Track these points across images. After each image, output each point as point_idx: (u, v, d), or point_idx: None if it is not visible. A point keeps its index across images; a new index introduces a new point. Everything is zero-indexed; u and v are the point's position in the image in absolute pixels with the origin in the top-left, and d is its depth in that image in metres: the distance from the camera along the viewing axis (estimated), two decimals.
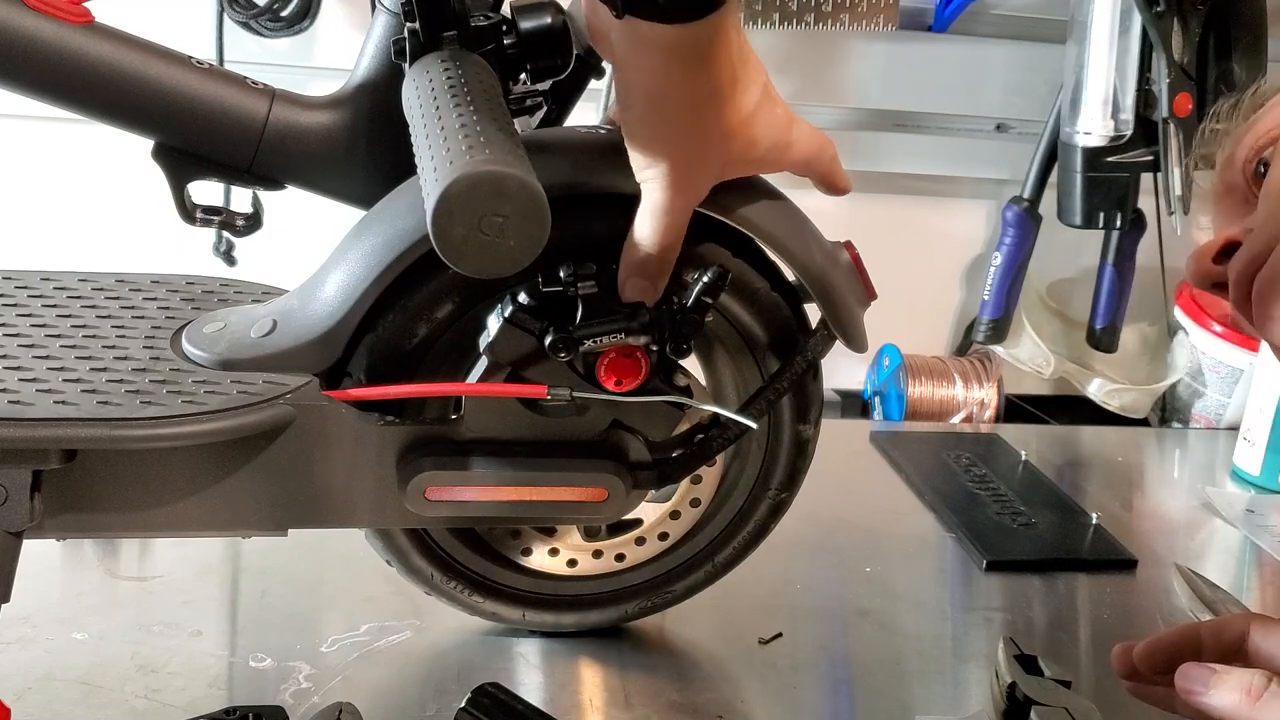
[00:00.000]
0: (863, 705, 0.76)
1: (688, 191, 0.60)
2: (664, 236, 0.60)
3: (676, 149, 0.58)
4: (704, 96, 0.57)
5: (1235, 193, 0.66)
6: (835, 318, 0.69)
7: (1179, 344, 1.41)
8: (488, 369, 0.64)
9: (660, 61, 0.55)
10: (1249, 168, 0.65)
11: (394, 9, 0.65)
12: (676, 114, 0.57)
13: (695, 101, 0.57)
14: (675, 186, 0.59)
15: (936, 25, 1.36)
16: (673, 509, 0.74)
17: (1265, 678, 0.58)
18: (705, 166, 0.60)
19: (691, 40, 0.54)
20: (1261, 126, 0.65)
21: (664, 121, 0.58)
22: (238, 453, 0.63)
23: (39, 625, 0.76)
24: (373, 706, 0.68)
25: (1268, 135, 0.65)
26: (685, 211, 0.61)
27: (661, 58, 0.55)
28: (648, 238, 0.61)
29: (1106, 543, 1.00)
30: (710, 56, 0.55)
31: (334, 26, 1.24)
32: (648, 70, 0.56)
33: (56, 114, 0.67)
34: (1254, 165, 0.65)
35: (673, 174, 0.59)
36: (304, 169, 0.68)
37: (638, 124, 0.58)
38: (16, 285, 0.71)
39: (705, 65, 0.56)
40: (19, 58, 0.63)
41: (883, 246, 0.87)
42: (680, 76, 0.56)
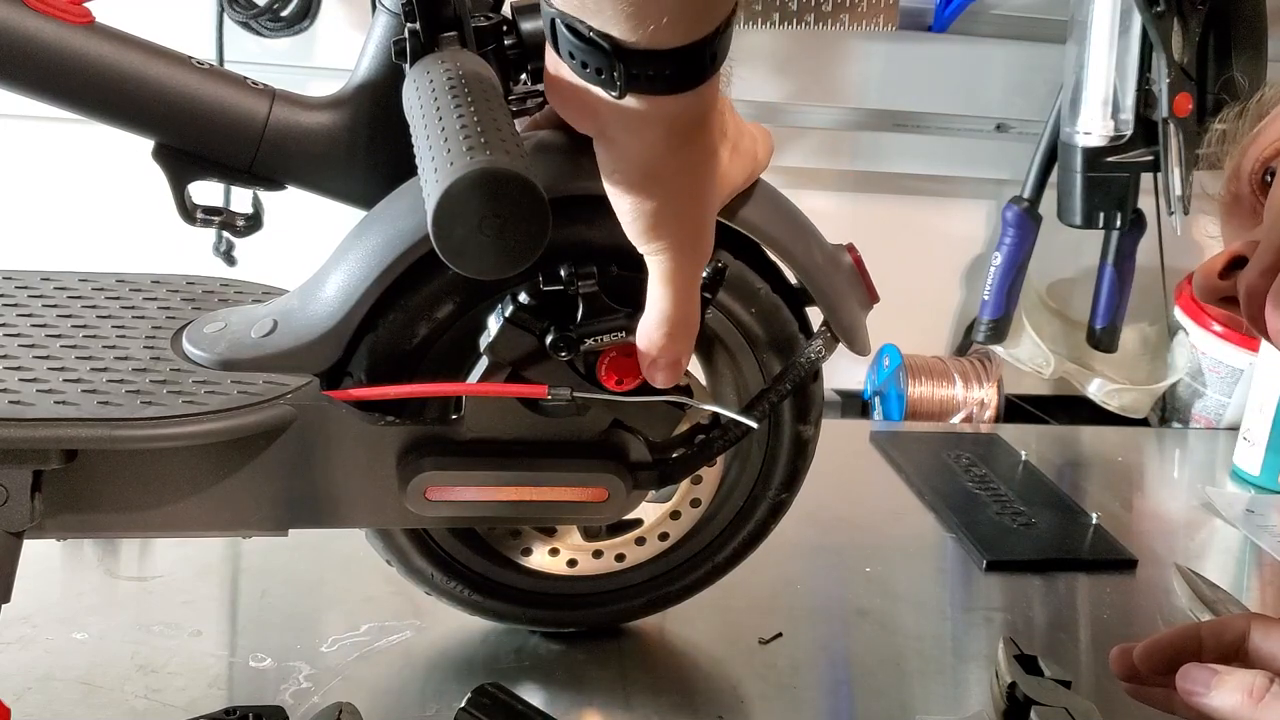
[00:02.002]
0: (863, 705, 0.76)
1: (699, 252, 0.58)
2: (685, 304, 0.59)
3: (681, 216, 0.56)
4: (702, 159, 0.55)
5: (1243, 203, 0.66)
6: (837, 320, 0.69)
7: (1179, 344, 1.41)
8: (488, 369, 0.64)
9: (660, 134, 0.53)
10: (1255, 178, 0.65)
11: (394, 9, 0.65)
12: (677, 183, 0.55)
13: (693, 166, 0.55)
14: (686, 251, 0.57)
15: (936, 25, 1.36)
16: (673, 509, 0.74)
17: (1267, 679, 0.58)
18: (709, 222, 0.58)
19: (692, 107, 0.52)
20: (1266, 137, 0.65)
21: (664, 192, 0.55)
22: (238, 453, 0.63)
23: (39, 625, 0.76)
24: (373, 706, 0.68)
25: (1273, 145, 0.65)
26: (699, 273, 0.59)
27: (661, 131, 0.53)
28: (670, 309, 0.58)
29: (1106, 543, 1.00)
30: (707, 119, 0.54)
31: (334, 26, 1.24)
32: (646, 145, 0.53)
33: (56, 114, 0.67)
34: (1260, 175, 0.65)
35: (681, 240, 0.57)
36: (304, 169, 0.68)
37: (633, 198, 0.55)
38: (16, 285, 0.71)
39: (702, 129, 0.54)
40: (19, 58, 0.63)
41: (883, 246, 0.87)
42: (679, 146, 0.54)
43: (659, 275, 0.58)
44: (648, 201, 0.55)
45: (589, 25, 0.49)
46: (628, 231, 0.57)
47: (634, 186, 0.55)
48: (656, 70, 0.49)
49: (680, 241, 0.57)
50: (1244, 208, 0.66)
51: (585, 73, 0.51)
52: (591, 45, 0.49)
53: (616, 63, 0.49)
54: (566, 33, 0.50)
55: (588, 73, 0.51)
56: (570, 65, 0.51)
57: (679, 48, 0.49)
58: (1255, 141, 0.66)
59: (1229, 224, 0.68)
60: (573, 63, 0.51)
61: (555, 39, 0.51)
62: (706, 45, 0.49)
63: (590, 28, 0.49)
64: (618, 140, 0.54)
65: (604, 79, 0.50)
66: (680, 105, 0.51)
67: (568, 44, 0.51)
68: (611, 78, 0.50)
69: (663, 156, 0.54)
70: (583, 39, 0.49)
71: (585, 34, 0.49)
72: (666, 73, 0.50)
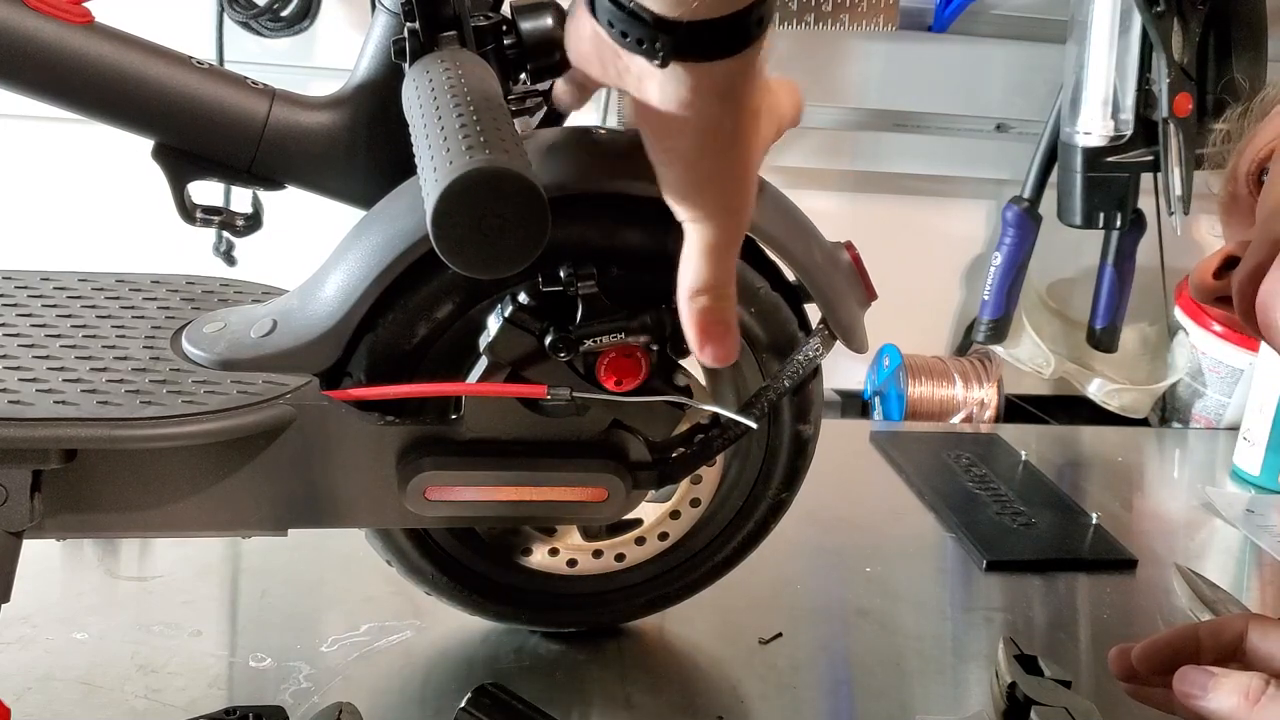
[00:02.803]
0: (863, 705, 0.76)
1: (740, 219, 0.58)
2: (724, 272, 0.58)
3: (727, 183, 0.56)
4: (746, 122, 0.54)
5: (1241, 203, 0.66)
6: (835, 318, 0.69)
7: (1179, 344, 1.41)
8: (488, 369, 0.64)
9: (704, 101, 0.51)
10: (1251, 178, 0.65)
11: (394, 9, 0.65)
12: (726, 150, 0.54)
13: (740, 131, 0.54)
14: (730, 218, 0.57)
15: (936, 25, 1.36)
16: (673, 509, 0.74)
17: (1263, 680, 0.58)
18: (751, 188, 0.57)
19: (738, 71, 0.51)
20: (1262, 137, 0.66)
21: (714, 162, 0.54)
22: (238, 453, 0.63)
23: (39, 625, 0.76)
24: (373, 706, 0.68)
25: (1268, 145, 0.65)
26: (738, 243, 0.58)
27: (705, 97, 0.51)
28: (712, 279, 0.57)
29: (1106, 543, 1.00)
30: (750, 82, 0.53)
31: (334, 26, 1.24)
32: (689, 111, 0.52)
33: (56, 114, 0.67)
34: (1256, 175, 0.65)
35: (726, 207, 0.56)
36: (304, 169, 0.68)
37: (684, 171, 0.55)
38: (16, 285, 0.71)
39: (746, 92, 0.53)
40: (19, 58, 0.63)
41: (883, 246, 0.87)
42: (722, 111, 0.53)
43: (698, 245, 0.57)
44: (694, 173, 0.54)
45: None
46: (667, 197, 0.56)
47: (681, 159, 0.54)
48: (701, 39, 0.48)
49: (722, 207, 0.56)
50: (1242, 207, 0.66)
51: (626, 42, 0.50)
52: (633, 17, 0.49)
53: (660, 34, 0.48)
54: (608, 3, 0.49)
55: (628, 42, 0.50)
56: (610, 34, 0.51)
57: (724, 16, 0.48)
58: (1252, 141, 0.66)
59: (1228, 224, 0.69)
60: (612, 31, 0.50)
61: (594, 6, 0.51)
62: (752, 10, 0.48)
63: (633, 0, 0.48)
64: (659, 105, 0.52)
65: (645, 49, 0.49)
66: (724, 70, 0.50)
67: (606, 13, 0.50)
68: (653, 48, 0.49)
69: (706, 122, 0.53)
70: (623, 9, 0.49)
71: (626, 4, 0.48)
72: (711, 41, 0.49)
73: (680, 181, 0.55)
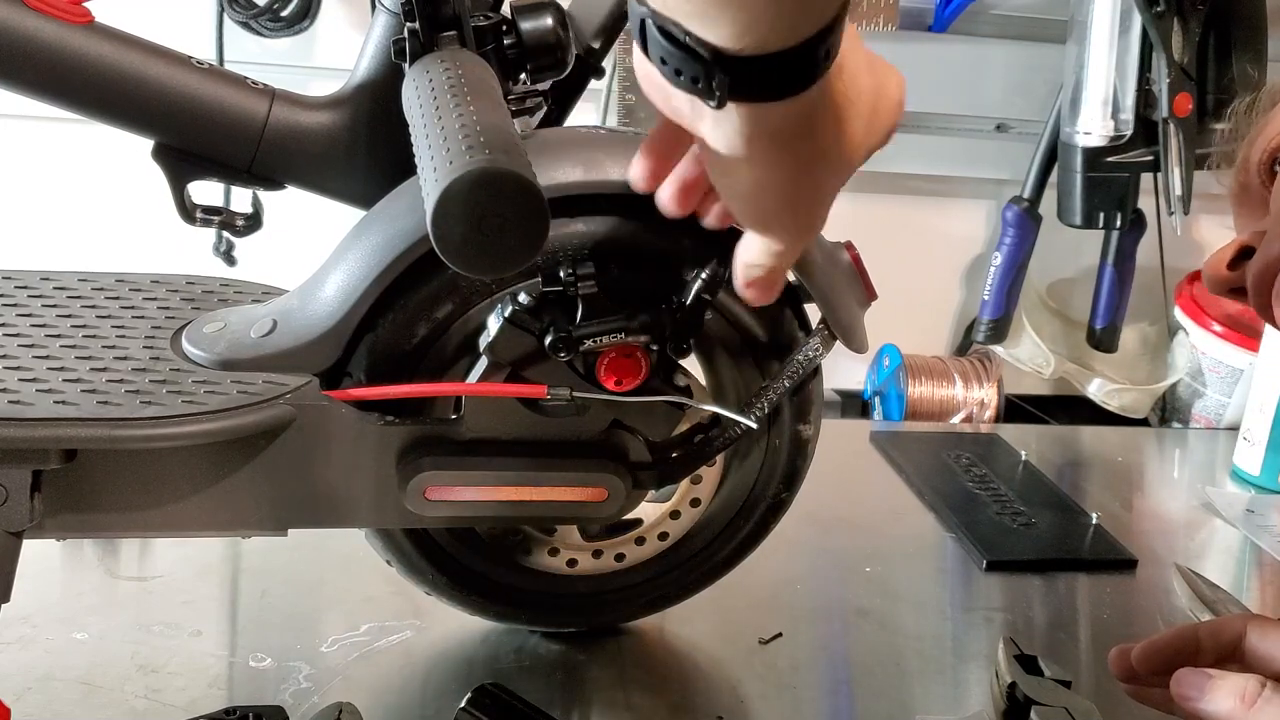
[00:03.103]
0: (863, 705, 0.76)
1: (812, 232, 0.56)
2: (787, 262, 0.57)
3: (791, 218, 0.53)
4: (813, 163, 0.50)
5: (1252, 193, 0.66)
6: (835, 318, 0.69)
7: (1179, 344, 1.41)
8: (488, 369, 0.64)
9: (765, 147, 0.48)
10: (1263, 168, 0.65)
11: (394, 9, 0.65)
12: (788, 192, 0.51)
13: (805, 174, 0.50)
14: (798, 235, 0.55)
15: (936, 25, 1.36)
16: (673, 509, 0.74)
17: (1259, 683, 0.58)
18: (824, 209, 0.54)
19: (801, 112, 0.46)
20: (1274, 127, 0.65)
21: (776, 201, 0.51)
22: (238, 453, 0.63)
23: (39, 625, 0.76)
24: (373, 706, 0.68)
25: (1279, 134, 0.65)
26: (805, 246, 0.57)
27: (766, 141, 0.47)
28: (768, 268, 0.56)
29: (1106, 543, 1.00)
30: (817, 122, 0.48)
31: (334, 26, 1.24)
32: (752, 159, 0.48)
33: (56, 114, 0.67)
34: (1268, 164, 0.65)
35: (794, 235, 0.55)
36: (304, 169, 0.68)
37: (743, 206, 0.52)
38: (16, 285, 0.71)
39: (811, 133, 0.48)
40: (19, 58, 0.63)
41: (883, 246, 0.87)
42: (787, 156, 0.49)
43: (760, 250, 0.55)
44: (752, 205, 0.52)
45: (685, 30, 0.43)
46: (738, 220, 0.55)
47: (736, 190, 0.51)
48: (762, 76, 0.44)
49: (788, 235, 0.54)
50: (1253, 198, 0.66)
51: (680, 80, 0.45)
52: (688, 52, 0.44)
53: (717, 72, 0.44)
54: (659, 36, 0.45)
55: (682, 80, 0.45)
56: (662, 71, 0.46)
57: (788, 49, 0.43)
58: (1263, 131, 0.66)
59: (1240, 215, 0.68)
60: (665, 69, 0.46)
61: (645, 41, 0.46)
62: (820, 41, 0.43)
63: (687, 33, 0.43)
64: (718, 147, 0.48)
65: (701, 88, 0.45)
66: (785, 112, 0.46)
67: (659, 49, 0.45)
68: (710, 87, 0.44)
69: (768, 162, 0.49)
70: (678, 44, 0.44)
71: (681, 39, 0.44)
72: (774, 78, 0.44)
73: (741, 209, 0.53)
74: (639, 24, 0.46)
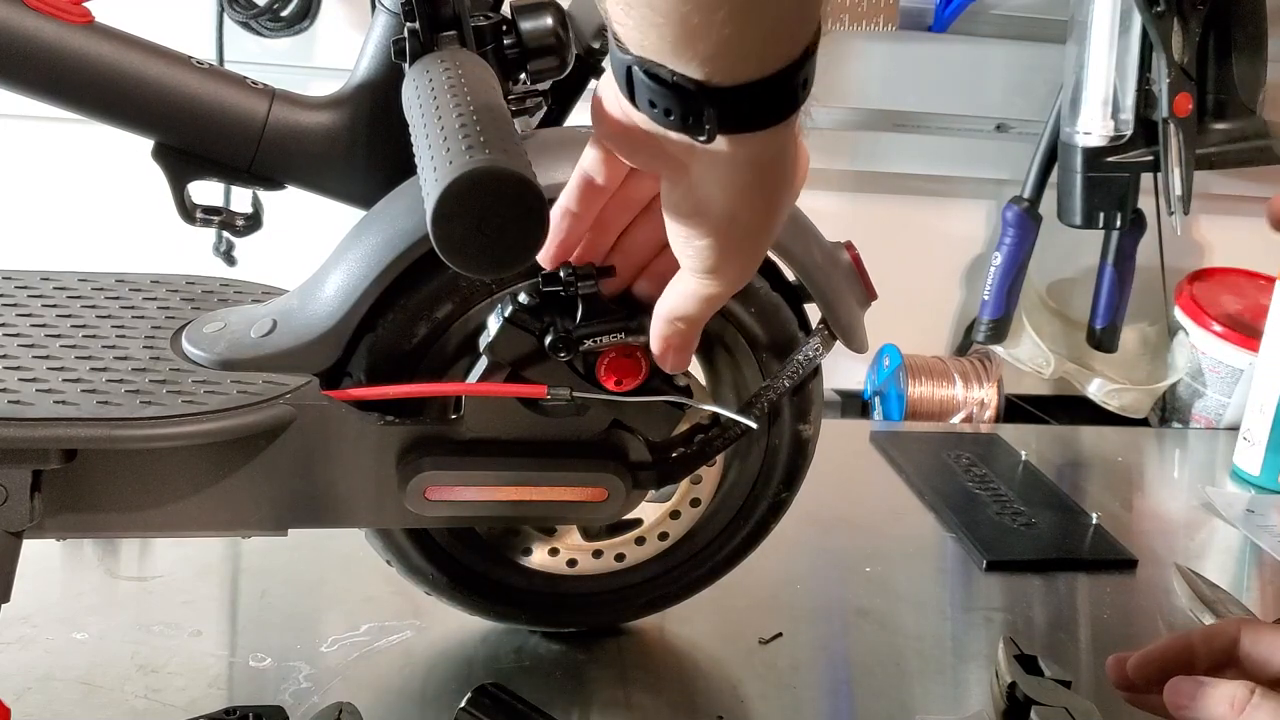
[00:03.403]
0: (863, 705, 0.76)
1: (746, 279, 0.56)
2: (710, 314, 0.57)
3: (746, 252, 0.54)
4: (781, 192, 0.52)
5: None
6: (835, 318, 0.69)
7: (1179, 344, 1.41)
8: (488, 369, 0.64)
9: (746, 175, 0.49)
10: None
11: (394, 9, 0.65)
12: (756, 225, 0.52)
13: (771, 202, 0.52)
14: (736, 281, 0.55)
15: (936, 25, 1.36)
16: (673, 509, 0.74)
17: (1248, 689, 0.59)
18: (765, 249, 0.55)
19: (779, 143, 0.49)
20: None
21: (738, 232, 0.52)
22: (238, 453, 0.63)
23: (39, 625, 0.76)
24: (373, 706, 0.68)
25: None
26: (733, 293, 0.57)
27: (747, 171, 0.49)
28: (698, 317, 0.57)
29: (1106, 543, 1.00)
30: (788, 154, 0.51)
31: (334, 26, 1.24)
32: (729, 186, 0.50)
33: (56, 114, 0.67)
34: None
35: (740, 272, 0.55)
36: (304, 169, 0.68)
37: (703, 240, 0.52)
38: (16, 285, 0.71)
39: (784, 161, 0.51)
40: (19, 58, 0.63)
41: (883, 246, 0.87)
42: (761, 183, 0.51)
43: (697, 292, 0.55)
44: (718, 240, 0.52)
45: (671, 70, 0.45)
46: (683, 261, 0.54)
47: (706, 227, 0.52)
48: (747, 107, 0.46)
49: (735, 274, 0.55)
50: None
51: (669, 120, 0.47)
52: (675, 90, 0.46)
53: (706, 107, 0.46)
54: (647, 80, 0.46)
55: (671, 120, 0.47)
56: (650, 115, 0.48)
57: (769, 77, 0.46)
58: None
59: None
60: (653, 111, 0.47)
61: (631, 88, 0.48)
62: (797, 70, 0.46)
63: (673, 72, 0.45)
64: (699, 184, 0.50)
65: (691, 125, 0.47)
66: (765, 142, 0.48)
67: (648, 92, 0.47)
68: (700, 122, 0.46)
69: (745, 196, 0.51)
70: (666, 85, 0.46)
71: (669, 80, 0.46)
72: (757, 108, 0.46)
73: (701, 248, 0.53)
74: (624, 73, 0.48)
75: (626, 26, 0.45)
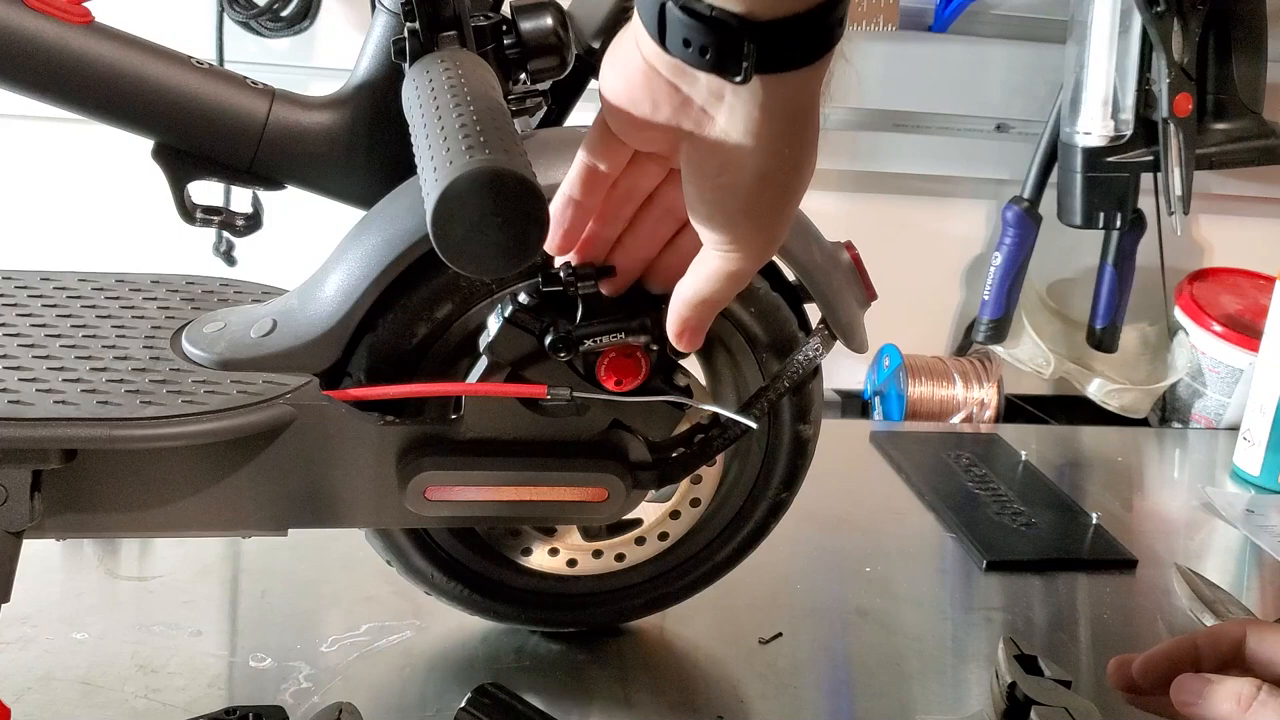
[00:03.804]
0: (863, 705, 0.76)
1: (775, 249, 0.54)
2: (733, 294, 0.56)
3: (777, 215, 0.52)
4: (810, 147, 0.51)
5: None
6: (835, 318, 0.69)
7: (1179, 344, 1.41)
8: (488, 369, 0.64)
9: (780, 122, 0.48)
10: None
11: (394, 9, 0.65)
12: (788, 179, 0.51)
13: (803, 158, 0.50)
14: (766, 249, 0.53)
15: (936, 25, 1.36)
16: (673, 509, 0.74)
17: (1255, 686, 0.59)
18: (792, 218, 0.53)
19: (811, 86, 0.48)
20: None
21: (773, 193, 0.51)
22: (238, 453, 0.63)
23: (39, 625, 0.76)
24: (373, 706, 0.68)
25: None
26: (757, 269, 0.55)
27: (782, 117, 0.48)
28: (721, 299, 0.55)
29: (1106, 543, 1.00)
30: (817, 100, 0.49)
31: (334, 26, 1.24)
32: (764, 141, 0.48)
33: (56, 114, 0.67)
34: None
35: (768, 239, 0.53)
36: (304, 169, 0.68)
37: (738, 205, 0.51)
38: (16, 285, 0.71)
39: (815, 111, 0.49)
40: (19, 58, 0.63)
41: (883, 246, 0.87)
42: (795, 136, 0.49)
43: (721, 268, 0.54)
44: (747, 202, 0.51)
45: (710, 4, 0.45)
46: (701, 223, 0.53)
47: (735, 187, 0.50)
48: (785, 43, 0.45)
49: (764, 239, 0.53)
50: None
51: (704, 60, 0.46)
52: (713, 25, 0.45)
53: (745, 41, 0.45)
54: (681, 15, 0.45)
55: (707, 59, 0.46)
56: (684, 56, 0.46)
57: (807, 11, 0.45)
58: None
59: None
60: (688, 51, 0.46)
61: (664, 29, 0.47)
62: (834, 6, 0.46)
63: (712, 6, 0.45)
64: (726, 136, 0.49)
65: (728, 63, 0.46)
66: (799, 84, 0.47)
67: (683, 29, 0.46)
68: (738, 60, 0.45)
69: (776, 146, 0.49)
70: (702, 19, 0.45)
71: (706, 14, 0.45)
72: (797, 45, 0.46)
73: (728, 215, 0.51)
74: (657, 12, 0.47)
75: None
